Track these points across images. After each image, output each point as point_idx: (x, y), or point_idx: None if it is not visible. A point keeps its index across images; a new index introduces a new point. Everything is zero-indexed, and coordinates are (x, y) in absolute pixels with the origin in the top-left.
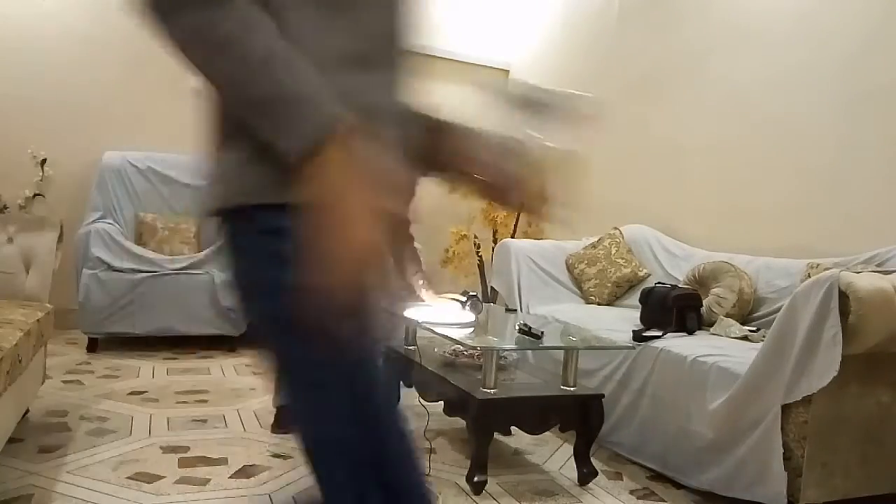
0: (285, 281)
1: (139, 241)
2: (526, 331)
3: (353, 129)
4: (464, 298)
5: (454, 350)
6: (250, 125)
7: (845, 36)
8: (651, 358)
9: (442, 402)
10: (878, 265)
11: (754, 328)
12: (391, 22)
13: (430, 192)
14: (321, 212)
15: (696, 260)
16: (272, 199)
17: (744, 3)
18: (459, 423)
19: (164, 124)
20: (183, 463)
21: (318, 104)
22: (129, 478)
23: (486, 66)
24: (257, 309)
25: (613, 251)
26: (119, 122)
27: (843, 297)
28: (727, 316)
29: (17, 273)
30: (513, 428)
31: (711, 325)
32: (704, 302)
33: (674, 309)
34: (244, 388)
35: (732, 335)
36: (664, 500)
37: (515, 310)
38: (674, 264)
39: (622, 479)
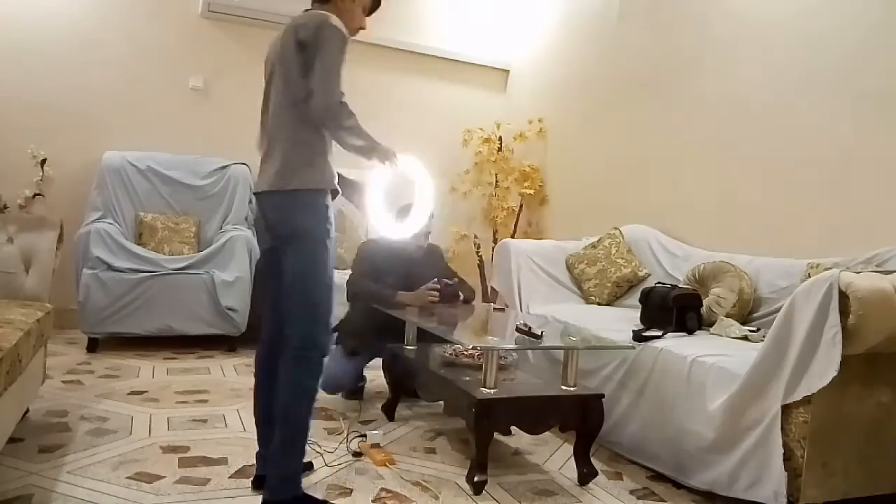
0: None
1: (139, 241)
2: (526, 331)
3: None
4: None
5: (454, 350)
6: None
7: (845, 36)
8: (651, 358)
9: (442, 402)
10: (878, 265)
11: (754, 328)
12: None
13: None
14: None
15: (696, 260)
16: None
17: (743, 4)
18: (459, 423)
19: (164, 124)
20: (183, 463)
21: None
22: (129, 478)
23: (486, 67)
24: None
25: (613, 251)
26: (119, 122)
27: (843, 297)
28: (727, 316)
29: (17, 273)
30: (513, 428)
31: (711, 325)
32: (704, 302)
33: (674, 309)
34: (244, 388)
35: (732, 335)
36: (664, 500)
37: (503, 308)
38: (674, 264)
39: (622, 479)
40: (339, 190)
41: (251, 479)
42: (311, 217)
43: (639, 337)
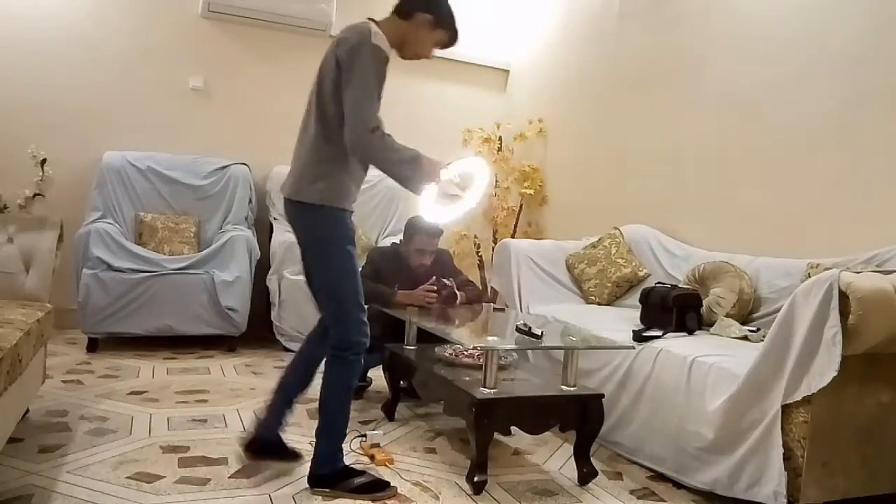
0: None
1: (139, 241)
2: (525, 331)
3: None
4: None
5: (454, 350)
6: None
7: (845, 36)
8: (651, 358)
9: (442, 402)
10: (878, 265)
11: (754, 328)
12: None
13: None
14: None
15: (696, 260)
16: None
17: (743, 4)
18: (459, 423)
19: (164, 124)
20: (183, 463)
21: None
22: (129, 478)
23: (486, 67)
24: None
25: (613, 251)
26: (119, 122)
27: (843, 297)
28: (727, 316)
29: (17, 273)
30: (513, 428)
31: (711, 325)
32: (704, 302)
33: (674, 309)
34: (244, 388)
35: (732, 335)
36: (664, 500)
37: (503, 308)
38: (674, 264)
39: (622, 479)
40: (352, 210)
41: (244, 446)
42: (326, 226)
43: (639, 337)
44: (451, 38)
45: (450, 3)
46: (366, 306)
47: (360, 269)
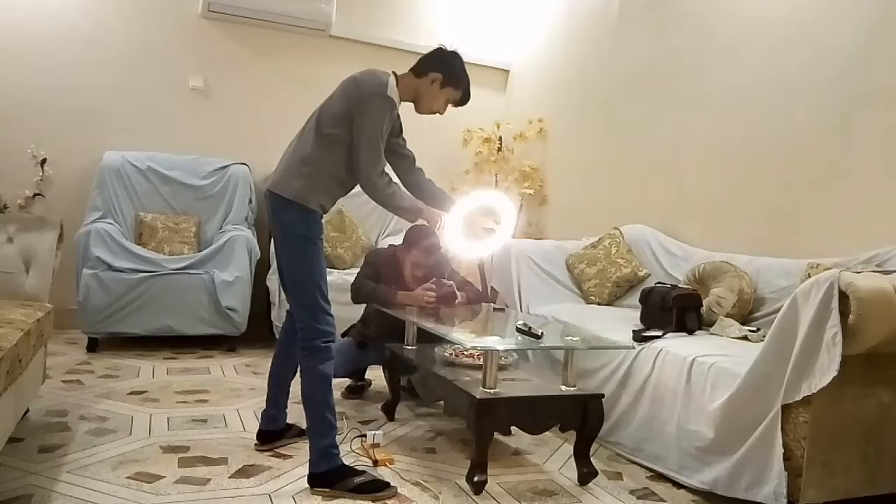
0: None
1: (139, 241)
2: (525, 331)
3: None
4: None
5: (454, 350)
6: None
7: (845, 37)
8: (651, 358)
9: (442, 402)
10: (878, 265)
11: (754, 328)
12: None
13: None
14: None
15: (696, 260)
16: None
17: (743, 4)
18: (459, 423)
19: (164, 124)
20: (183, 463)
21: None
22: (129, 478)
23: (486, 67)
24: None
25: (613, 251)
26: (119, 122)
27: (843, 297)
28: (727, 316)
29: (17, 273)
30: (513, 428)
31: (711, 325)
32: (704, 302)
33: (674, 309)
34: (244, 388)
35: (732, 335)
36: (664, 500)
37: (503, 308)
38: (674, 264)
39: (622, 479)
40: (323, 212)
41: (257, 439)
42: (300, 221)
43: (639, 337)
44: (462, 96)
45: (462, 64)
46: (362, 305)
47: (349, 265)
